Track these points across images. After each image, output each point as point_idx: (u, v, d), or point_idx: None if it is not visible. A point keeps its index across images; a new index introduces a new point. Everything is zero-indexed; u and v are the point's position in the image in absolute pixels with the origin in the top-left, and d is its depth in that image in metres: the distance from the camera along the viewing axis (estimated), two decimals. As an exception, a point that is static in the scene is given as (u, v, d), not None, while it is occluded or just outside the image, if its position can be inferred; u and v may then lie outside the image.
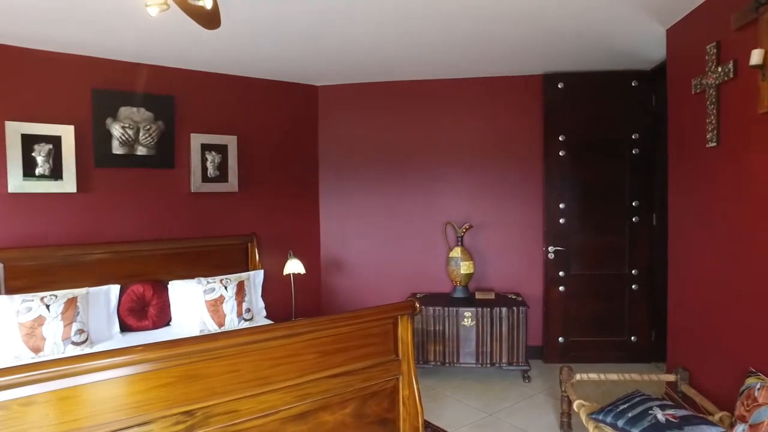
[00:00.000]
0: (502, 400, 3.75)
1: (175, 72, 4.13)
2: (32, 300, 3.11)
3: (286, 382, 2.10)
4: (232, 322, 3.66)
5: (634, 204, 4.39)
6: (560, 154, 4.45)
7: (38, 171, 3.55)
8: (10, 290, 3.31)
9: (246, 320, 3.75)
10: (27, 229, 3.56)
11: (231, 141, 4.35)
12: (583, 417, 2.68)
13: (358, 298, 4.84)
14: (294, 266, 4.28)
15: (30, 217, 3.58)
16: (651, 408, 2.48)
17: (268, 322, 3.91)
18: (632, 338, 4.41)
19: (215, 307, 3.63)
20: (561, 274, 4.46)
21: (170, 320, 3.77)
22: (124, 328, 3.59)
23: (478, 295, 4.39)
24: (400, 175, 4.80)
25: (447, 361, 4.14)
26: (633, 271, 4.40)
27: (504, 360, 4.08)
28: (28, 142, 3.52)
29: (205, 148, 4.22)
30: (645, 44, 3.67)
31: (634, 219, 4.40)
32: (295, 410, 2.13)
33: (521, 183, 4.64)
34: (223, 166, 4.29)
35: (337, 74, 4.54)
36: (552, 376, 4.10)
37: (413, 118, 4.77)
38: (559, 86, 4.42)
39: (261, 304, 4.09)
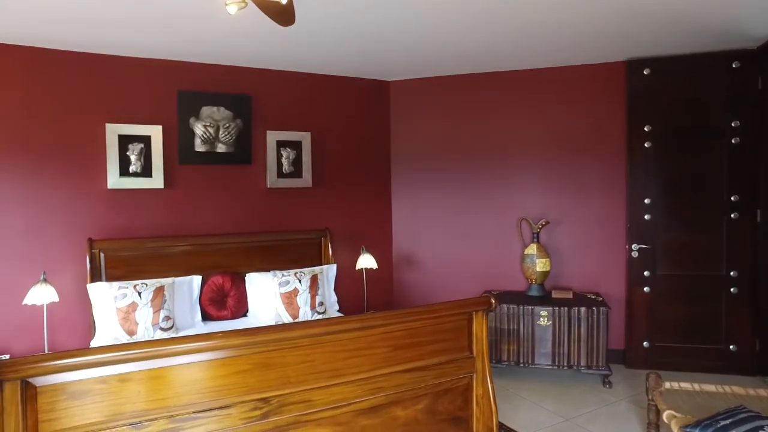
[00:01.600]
0: (581, 405, 3.56)
1: (252, 72, 4.28)
2: (127, 287, 3.35)
3: (358, 375, 2.10)
4: (305, 315, 3.74)
5: (732, 199, 4.01)
6: (645, 145, 4.16)
7: (132, 168, 3.82)
8: (109, 278, 3.60)
9: (319, 313, 3.82)
10: (122, 223, 3.85)
11: (305, 137, 4.45)
12: (675, 429, 2.47)
13: (429, 294, 4.80)
14: (366, 261, 4.31)
15: (125, 212, 3.86)
16: (762, 427, 2.22)
17: (340, 315, 3.96)
18: (731, 347, 4.02)
19: (289, 299, 3.72)
20: (646, 274, 4.17)
21: (247, 311, 3.92)
22: (205, 316, 3.78)
23: (555, 294, 4.20)
24: (472, 169, 4.70)
25: (521, 361, 4.00)
26: (731, 273, 4.02)
27: (582, 363, 3.88)
28: (124, 142, 3.80)
29: (280, 144, 4.34)
30: (751, 18, 3.30)
31: (732, 215, 4.02)
32: (367, 403, 2.13)
33: (601, 177, 4.39)
34: (297, 162, 4.40)
35: (408, 69, 4.51)
36: (636, 383, 3.85)
37: (485, 111, 4.65)
38: (645, 72, 4.12)
39: (333, 297, 4.15)
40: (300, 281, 3.79)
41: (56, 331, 3.61)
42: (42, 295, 3.32)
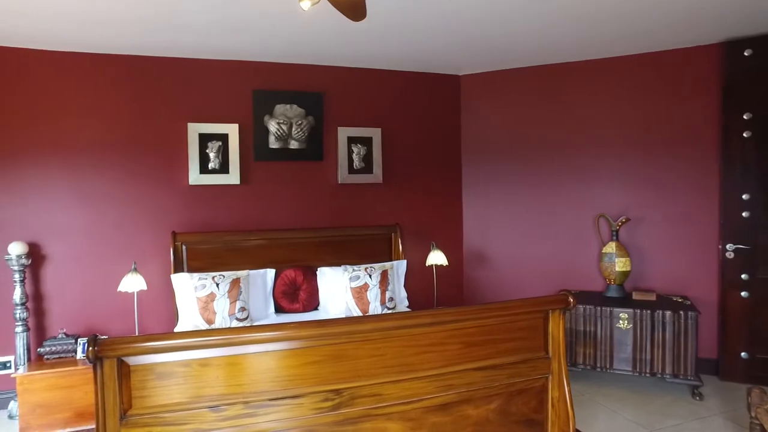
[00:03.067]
0: (666, 416, 3.32)
1: (323, 69, 4.35)
2: (206, 278, 3.51)
3: (429, 371, 2.06)
4: (375, 310, 3.76)
5: None
6: (744, 135, 3.80)
7: (210, 165, 4.00)
8: (191, 269, 3.80)
9: (389, 308, 3.82)
10: (202, 217, 4.05)
11: (375, 133, 4.47)
12: (779, 446, 2.24)
13: (501, 292, 4.68)
14: (437, 257, 4.26)
15: (204, 207, 4.06)
16: None
17: (409, 311, 3.94)
18: None
19: (360, 294, 3.75)
20: (744, 277, 3.81)
21: (318, 304, 3.99)
22: (278, 309, 3.89)
23: (636, 296, 3.95)
24: (545, 164, 4.52)
25: (598, 365, 3.80)
26: None
27: (668, 371, 3.61)
28: (203, 140, 3.99)
29: (351, 140, 4.39)
30: None
31: None
32: (437, 400, 2.09)
33: (689, 170, 4.06)
34: (368, 158, 4.43)
35: (478, 62, 4.41)
36: (732, 397, 3.53)
37: (559, 104, 4.45)
38: (746, 54, 3.76)
39: (403, 293, 4.14)
40: (370, 276, 3.81)
41: (144, 317, 3.86)
42: (133, 283, 3.56)
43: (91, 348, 1.64)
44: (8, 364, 3.70)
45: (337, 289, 3.84)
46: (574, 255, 4.45)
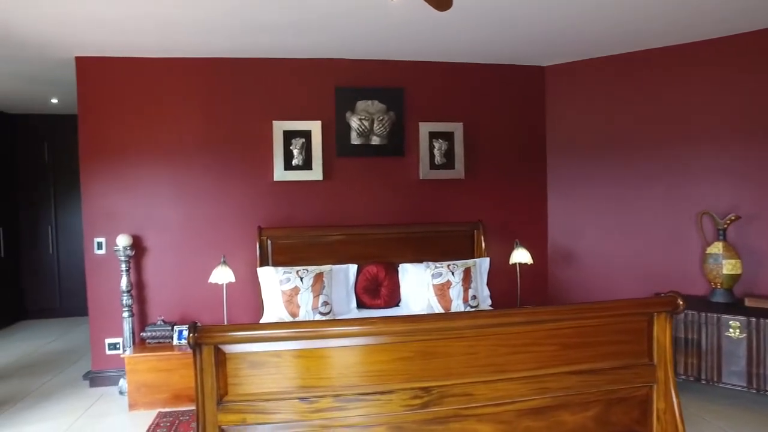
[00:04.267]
0: (789, 437, 2.96)
1: (404, 64, 4.32)
2: (290, 272, 3.59)
3: (523, 372, 1.96)
4: (458, 308, 3.67)
5: None
6: None
7: (294, 162, 4.10)
8: (275, 263, 3.92)
9: (472, 306, 3.72)
10: (286, 212, 4.16)
11: (457, 128, 4.37)
12: None
13: (589, 293, 4.42)
14: (521, 256, 4.10)
15: (288, 202, 4.17)
16: None
17: (492, 310, 3.81)
18: None
19: (442, 291, 3.68)
20: None
21: (399, 301, 3.97)
22: (360, 304, 3.91)
23: (750, 302, 3.57)
24: (639, 157, 4.20)
25: (703, 377, 3.47)
26: None
27: (789, 386, 3.23)
28: (287, 137, 4.10)
29: (433, 135, 4.32)
30: None
31: None
32: (531, 403, 1.98)
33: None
34: (449, 154, 4.34)
35: (564, 51, 4.18)
36: None
37: (654, 93, 4.12)
38: None
39: (486, 292, 4.02)
40: (453, 274, 3.72)
41: (232, 308, 4.03)
42: (222, 275, 3.72)
43: (191, 335, 1.70)
44: (117, 345, 4.02)
45: (419, 286, 3.80)
46: (670, 255, 4.10)
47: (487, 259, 4.11)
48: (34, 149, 6.30)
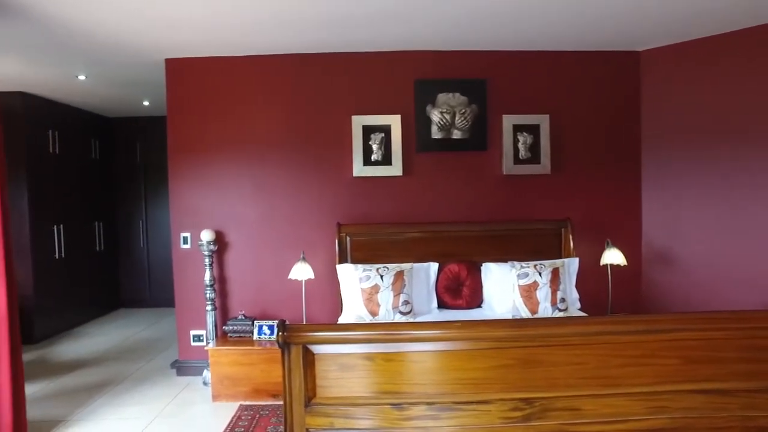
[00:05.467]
0: None
1: (486, 55, 4.12)
2: (370, 270, 3.52)
3: (638, 387, 1.74)
4: (545, 311, 3.44)
5: None
6: None
7: (373, 157, 4.03)
8: (354, 260, 3.86)
9: (560, 310, 3.47)
10: (365, 209, 4.10)
11: (543, 120, 4.11)
12: None
13: (691, 300, 4.00)
14: (613, 256, 3.79)
15: (367, 198, 4.11)
16: None
17: (583, 314, 3.54)
18: None
19: (528, 292, 3.46)
20: None
21: (482, 301, 3.79)
22: (440, 304, 3.76)
23: None
24: (750, 149, 3.72)
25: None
26: None
27: None
28: (366, 132, 4.03)
29: (517, 129, 4.10)
30: None
31: None
32: (647, 424, 1.76)
33: None
34: (534, 147, 4.10)
35: (663, 32, 3.80)
36: None
37: (780, 74, 3.63)
38: None
39: (575, 294, 3.75)
40: (540, 274, 3.49)
41: (311, 305, 4.02)
42: (302, 272, 3.72)
43: (280, 333, 1.64)
44: (201, 337, 4.14)
45: (504, 287, 3.60)
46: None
47: (576, 260, 3.83)
48: (129, 150, 6.72)
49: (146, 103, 5.86)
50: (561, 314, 3.45)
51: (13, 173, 5.09)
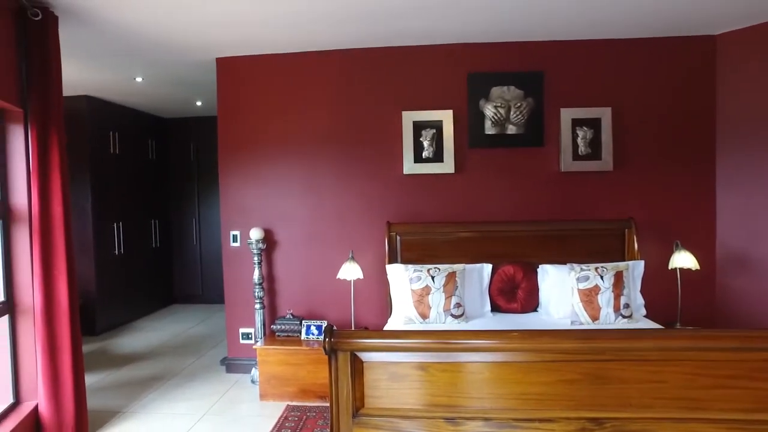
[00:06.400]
0: None
1: (543, 46, 3.90)
2: (421, 270, 3.39)
3: (729, 414, 1.54)
4: (607, 317, 3.21)
5: None
6: None
7: (424, 154, 3.90)
8: (404, 260, 3.75)
9: (624, 317, 3.23)
10: (415, 207, 3.98)
11: (604, 113, 3.85)
12: None
13: (773, 309, 3.64)
14: (683, 260, 3.50)
15: (418, 197, 3.98)
16: None
17: (649, 322, 3.28)
18: None
19: (589, 297, 3.24)
20: None
21: (538, 305, 3.59)
22: (494, 308, 3.59)
23: None
24: None
25: None
26: None
27: None
28: (417, 128, 3.91)
29: (576, 123, 3.86)
30: None
31: None
32: (737, 453, 1.55)
33: None
34: (595, 143, 3.84)
35: (744, 12, 3.44)
36: None
37: None
38: None
39: (640, 300, 3.48)
40: (602, 278, 3.26)
41: (359, 306, 3.94)
42: (350, 271, 3.64)
43: (327, 339, 1.55)
44: (250, 336, 4.14)
45: (562, 290, 3.39)
46: None
47: (642, 263, 3.56)
48: (183, 149, 6.89)
49: (199, 104, 5.97)
50: (625, 321, 3.21)
51: (78, 174, 5.33)
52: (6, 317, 2.97)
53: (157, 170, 6.77)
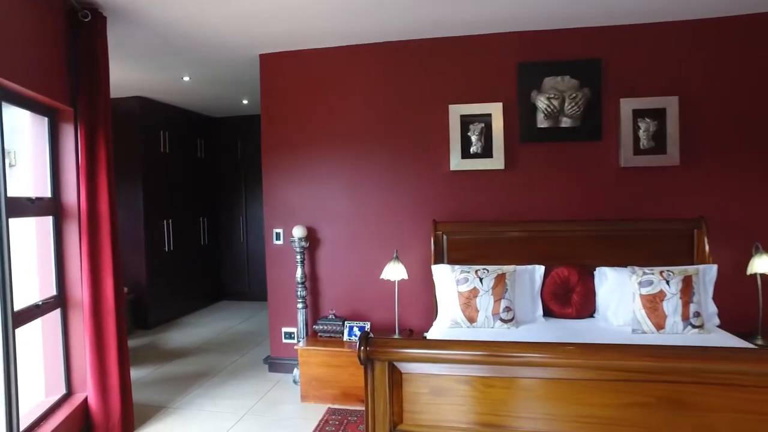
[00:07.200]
0: None
1: (600, 31, 3.63)
2: (469, 272, 3.21)
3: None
4: (674, 326, 2.92)
5: None
6: None
7: (472, 149, 3.71)
8: (450, 260, 3.58)
9: (694, 326, 2.93)
10: (463, 205, 3.79)
11: (671, 103, 3.54)
12: None
13: None
14: (764, 264, 3.15)
15: (466, 194, 3.80)
16: None
17: (725, 333, 2.96)
18: None
19: (653, 304, 2.96)
20: None
21: (594, 311, 3.33)
22: (546, 312, 3.36)
23: None
24: None
25: None
26: None
27: None
28: (465, 122, 3.72)
29: (637, 114, 3.56)
30: None
31: None
32: None
33: None
34: (659, 135, 3.54)
35: None
36: None
37: None
38: None
39: (712, 308, 3.16)
40: (668, 283, 2.97)
41: (404, 307, 3.80)
42: (394, 272, 3.51)
43: (362, 348, 1.42)
44: (292, 335, 4.09)
45: (621, 295, 3.12)
46: None
47: (714, 267, 3.23)
48: (230, 148, 6.97)
49: (245, 102, 6.00)
50: (695, 331, 2.91)
51: (130, 173, 5.47)
52: (58, 311, 3.03)
53: (206, 169, 6.88)
